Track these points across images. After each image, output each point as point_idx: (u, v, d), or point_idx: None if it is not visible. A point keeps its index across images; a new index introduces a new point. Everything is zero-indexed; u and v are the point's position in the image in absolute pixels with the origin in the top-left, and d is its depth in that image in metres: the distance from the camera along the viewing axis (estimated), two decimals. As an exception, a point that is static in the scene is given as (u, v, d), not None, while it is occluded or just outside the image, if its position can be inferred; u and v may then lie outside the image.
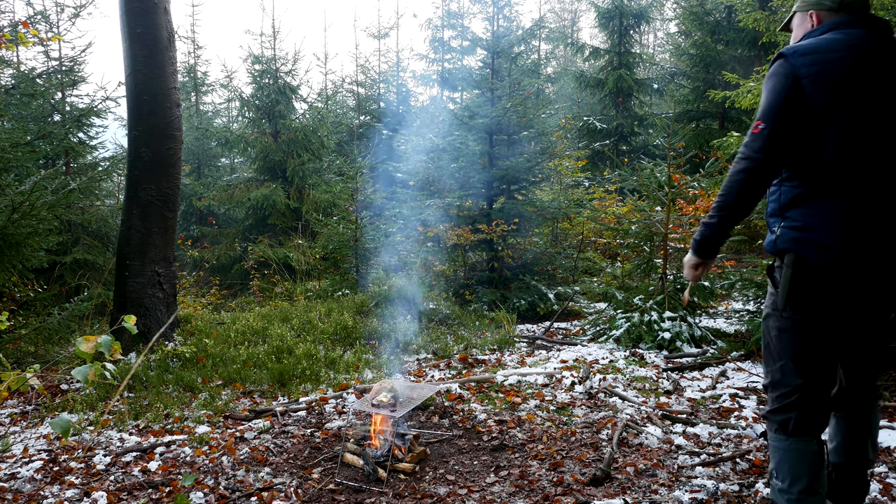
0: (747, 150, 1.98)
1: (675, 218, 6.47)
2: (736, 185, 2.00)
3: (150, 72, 5.18)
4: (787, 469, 2.04)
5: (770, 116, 1.95)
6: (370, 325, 5.88)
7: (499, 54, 8.41)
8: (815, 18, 2.14)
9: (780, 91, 1.96)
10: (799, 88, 1.93)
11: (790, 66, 1.95)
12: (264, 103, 10.82)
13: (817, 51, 1.96)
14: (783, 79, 1.96)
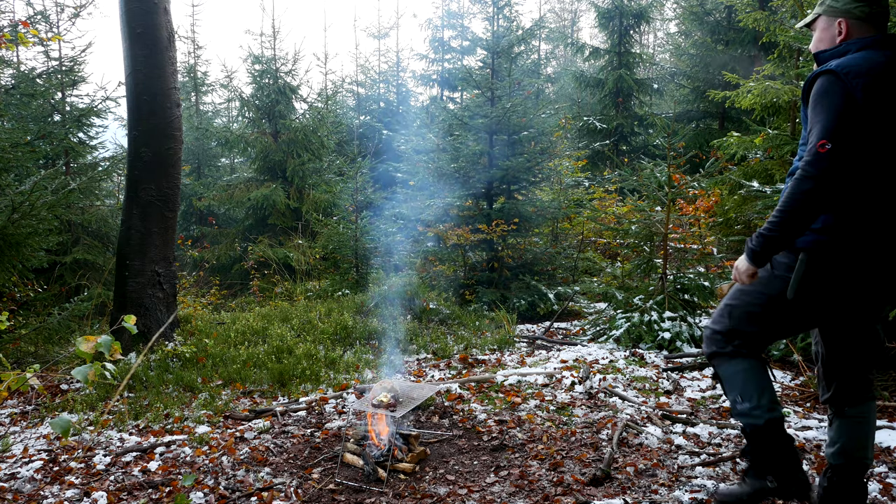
0: (814, 169, 2.01)
1: (675, 218, 6.48)
2: (804, 202, 2.04)
3: (150, 72, 5.18)
4: (753, 385, 2.25)
5: (838, 137, 2.00)
6: (370, 325, 5.88)
7: (499, 54, 8.41)
8: (843, 27, 2.19)
9: (842, 111, 2.01)
10: (858, 110, 2.01)
11: (847, 87, 2.02)
12: (264, 103, 10.82)
13: (869, 73, 2.03)
14: (843, 99, 2.02)
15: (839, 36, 2.21)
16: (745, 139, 5.66)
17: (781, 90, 5.28)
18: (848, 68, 2.05)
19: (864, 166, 2.06)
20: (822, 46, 2.26)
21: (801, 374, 4.34)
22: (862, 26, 2.18)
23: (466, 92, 14.46)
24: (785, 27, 6.87)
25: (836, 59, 2.15)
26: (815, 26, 2.30)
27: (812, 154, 2.02)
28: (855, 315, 2.20)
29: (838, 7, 2.20)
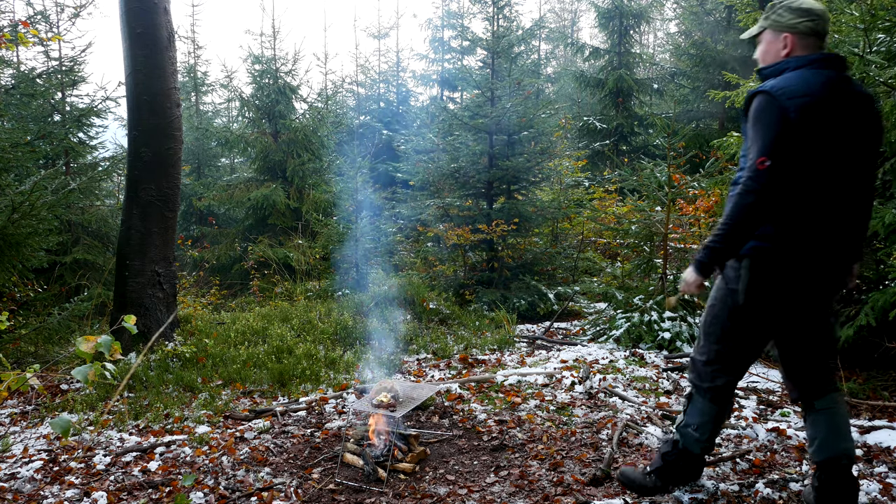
0: (755, 184, 2.14)
1: (675, 218, 6.47)
2: (746, 216, 2.17)
3: (150, 72, 5.17)
4: (710, 428, 2.51)
5: (775, 155, 2.13)
6: (370, 325, 5.88)
7: (499, 54, 8.41)
8: (788, 42, 2.29)
9: (779, 131, 2.14)
10: (792, 129, 2.13)
11: (781, 107, 2.14)
12: (264, 103, 10.81)
13: (804, 94, 2.15)
14: (778, 119, 2.14)
15: (784, 50, 2.30)
16: (745, 139, 5.65)
17: (781, 90, 5.27)
18: (782, 90, 2.15)
19: (800, 179, 2.18)
20: (768, 60, 2.36)
21: (801, 374, 4.34)
22: (805, 42, 2.27)
23: (466, 92, 14.45)
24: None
25: (774, 77, 2.26)
26: (761, 38, 2.38)
27: (752, 170, 2.15)
28: (804, 313, 2.33)
29: (784, 22, 2.28)
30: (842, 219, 2.24)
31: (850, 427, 2.51)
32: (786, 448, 3.22)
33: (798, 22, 2.26)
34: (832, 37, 4.35)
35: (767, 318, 2.34)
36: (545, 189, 9.49)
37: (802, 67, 2.23)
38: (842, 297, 4.03)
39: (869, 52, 3.69)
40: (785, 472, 2.93)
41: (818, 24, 2.26)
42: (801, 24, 2.26)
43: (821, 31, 2.27)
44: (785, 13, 2.29)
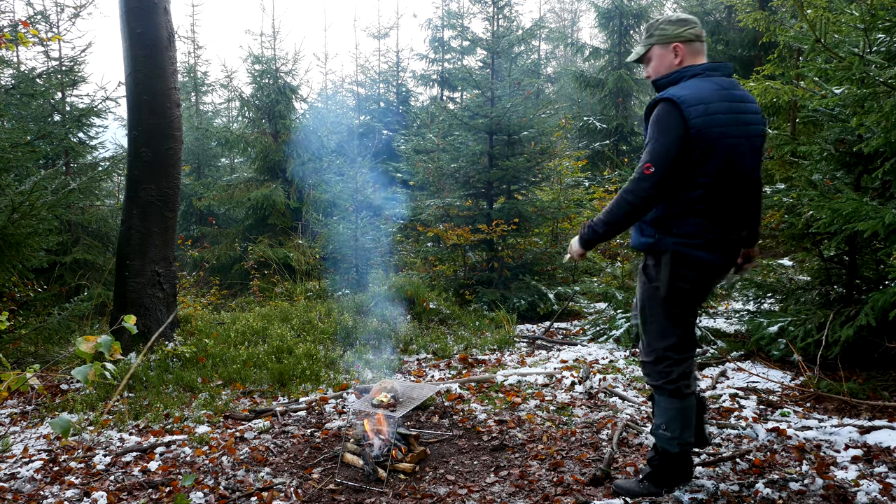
0: (637, 187, 2.37)
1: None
2: (625, 213, 2.43)
3: (150, 72, 5.18)
4: (679, 423, 2.56)
5: (662, 162, 2.34)
6: (370, 325, 5.88)
7: (499, 54, 8.40)
8: (679, 51, 2.49)
9: (672, 139, 2.33)
10: (689, 137, 2.33)
11: (682, 115, 2.32)
12: (264, 103, 10.81)
13: (702, 101, 2.34)
14: (676, 126, 2.33)
15: (676, 59, 2.50)
16: (745, 139, 5.65)
17: (781, 90, 5.27)
18: (683, 98, 2.33)
19: (698, 180, 2.38)
20: (662, 71, 2.53)
21: (801, 374, 4.34)
22: (692, 48, 2.49)
23: (466, 92, 14.45)
24: (785, 27, 6.87)
25: (672, 86, 2.43)
26: (650, 56, 2.56)
27: (638, 173, 2.37)
28: (700, 301, 2.63)
29: (670, 33, 2.49)
30: (735, 212, 2.47)
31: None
32: (786, 448, 3.22)
33: (683, 30, 2.48)
34: (832, 37, 4.36)
35: (685, 301, 2.54)
36: (545, 189, 9.49)
37: (698, 76, 2.43)
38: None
39: (869, 52, 3.69)
40: (785, 472, 2.93)
41: (697, 29, 2.50)
42: (686, 32, 2.48)
43: (701, 35, 2.52)
44: (668, 26, 2.50)
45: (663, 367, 2.55)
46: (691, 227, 2.43)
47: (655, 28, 2.53)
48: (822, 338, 4.18)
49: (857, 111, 3.96)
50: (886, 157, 3.96)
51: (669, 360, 2.55)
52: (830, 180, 4.46)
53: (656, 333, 2.56)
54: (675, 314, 2.54)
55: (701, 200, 2.40)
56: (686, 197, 2.41)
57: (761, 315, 4.98)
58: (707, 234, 2.44)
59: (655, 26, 2.53)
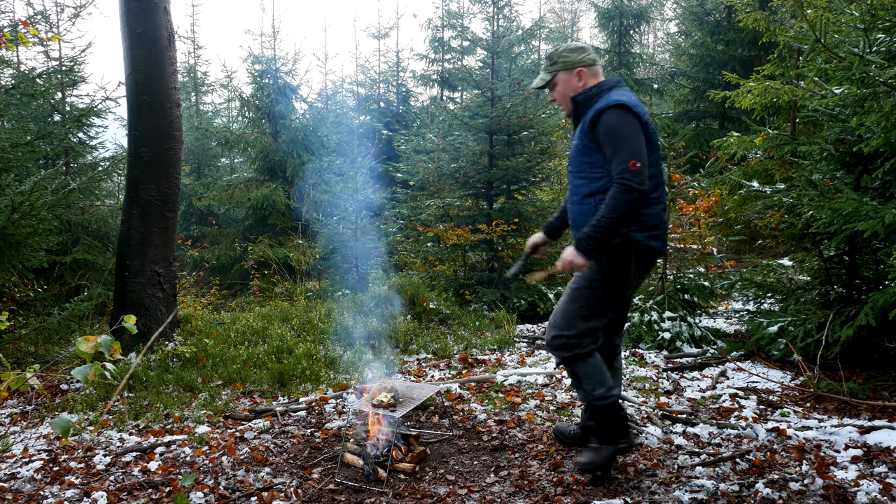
0: (634, 183, 2.55)
1: (675, 218, 6.48)
2: (627, 208, 2.58)
3: (150, 72, 5.17)
4: (603, 374, 2.81)
5: (642, 155, 2.58)
6: (370, 325, 5.87)
7: (499, 54, 8.40)
8: (583, 75, 2.80)
9: (640, 135, 2.61)
10: (646, 135, 2.64)
11: (637, 115, 2.62)
12: (264, 103, 10.80)
13: (640, 104, 2.69)
14: (639, 126, 2.62)
15: (580, 82, 2.80)
16: (745, 139, 5.66)
17: (781, 90, 5.27)
18: (630, 102, 2.62)
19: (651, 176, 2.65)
20: (569, 93, 2.82)
21: (800, 374, 4.34)
22: (592, 70, 2.82)
23: (466, 92, 14.45)
24: (785, 27, 6.87)
25: (594, 98, 2.72)
26: (556, 81, 2.84)
27: (629, 171, 2.55)
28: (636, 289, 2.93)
29: (573, 60, 2.79)
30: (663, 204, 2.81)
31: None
32: (786, 448, 3.22)
33: (584, 56, 2.81)
34: (832, 37, 4.36)
35: (631, 287, 2.82)
36: (545, 189, 9.49)
37: (615, 88, 2.73)
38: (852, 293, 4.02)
39: (869, 52, 3.69)
40: (785, 472, 2.93)
41: (593, 55, 2.85)
42: (587, 58, 2.81)
43: (597, 60, 2.85)
44: (570, 54, 2.81)
45: (588, 339, 2.78)
46: (652, 220, 2.71)
47: (558, 56, 2.83)
48: (822, 338, 4.18)
49: (857, 111, 3.96)
50: (886, 157, 3.96)
51: (594, 335, 2.81)
52: (830, 180, 4.46)
53: (590, 314, 2.77)
54: (616, 298, 2.81)
55: (653, 192, 2.71)
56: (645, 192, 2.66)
57: (761, 315, 4.98)
58: (661, 226, 2.76)
59: (558, 54, 2.83)
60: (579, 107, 2.80)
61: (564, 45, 2.85)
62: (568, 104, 2.85)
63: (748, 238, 7.16)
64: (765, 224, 5.49)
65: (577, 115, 2.83)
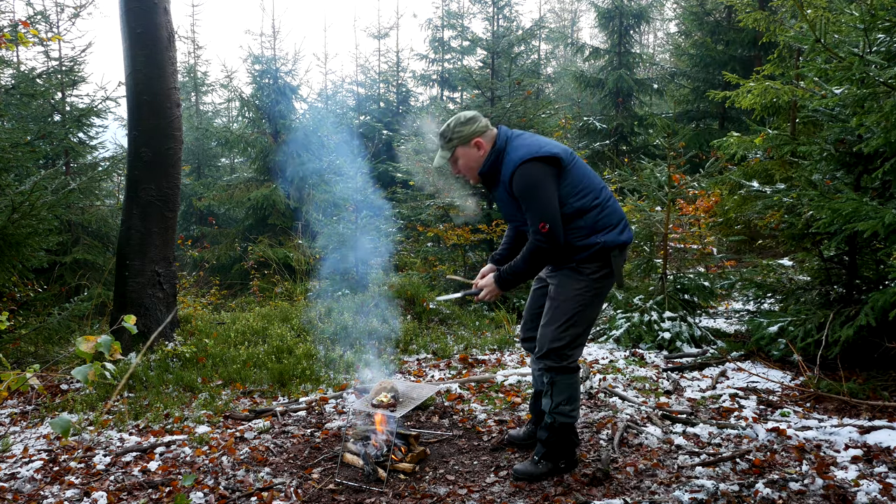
0: (545, 244, 2.68)
1: (675, 218, 6.48)
2: (540, 261, 2.75)
3: (150, 72, 5.17)
4: (576, 393, 2.87)
5: (550, 212, 2.67)
6: (370, 325, 5.87)
7: (499, 54, 8.41)
8: (481, 143, 2.84)
9: (551, 185, 2.69)
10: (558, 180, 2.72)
11: (545, 160, 2.68)
12: (264, 103, 10.81)
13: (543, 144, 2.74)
14: (547, 173, 2.69)
15: (480, 151, 2.84)
16: (745, 139, 5.66)
17: (781, 90, 5.27)
18: (531, 151, 2.69)
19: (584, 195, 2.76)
20: (473, 165, 2.88)
21: (800, 374, 4.34)
22: (486, 134, 2.85)
23: (466, 92, 14.44)
24: (785, 27, 6.87)
25: (500, 160, 2.78)
26: (456, 156, 2.88)
27: (540, 234, 2.67)
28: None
29: (467, 133, 2.82)
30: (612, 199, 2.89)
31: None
32: (786, 448, 3.22)
33: (476, 126, 2.83)
34: (832, 37, 4.36)
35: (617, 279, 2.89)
36: (545, 189, 9.46)
37: (510, 141, 2.79)
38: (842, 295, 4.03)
39: (869, 52, 3.69)
40: (785, 472, 2.93)
41: (482, 118, 2.87)
42: (479, 126, 2.83)
43: (487, 122, 2.88)
44: (461, 128, 2.83)
45: (578, 350, 2.86)
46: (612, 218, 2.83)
47: (452, 133, 2.85)
48: (822, 338, 4.18)
49: (857, 111, 3.96)
50: (886, 157, 3.96)
51: (582, 344, 2.89)
52: (830, 180, 4.46)
53: (583, 324, 2.84)
54: (602, 302, 2.93)
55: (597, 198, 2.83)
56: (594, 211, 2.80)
57: (761, 315, 4.98)
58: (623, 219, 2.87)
59: (451, 131, 2.85)
60: (487, 176, 2.89)
61: (453, 119, 2.86)
62: (474, 176, 2.92)
63: (748, 238, 7.16)
64: (765, 224, 5.49)
65: (487, 182, 2.92)
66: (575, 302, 2.81)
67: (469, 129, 2.83)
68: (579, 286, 2.80)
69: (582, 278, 2.80)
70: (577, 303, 2.81)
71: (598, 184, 2.83)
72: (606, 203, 2.81)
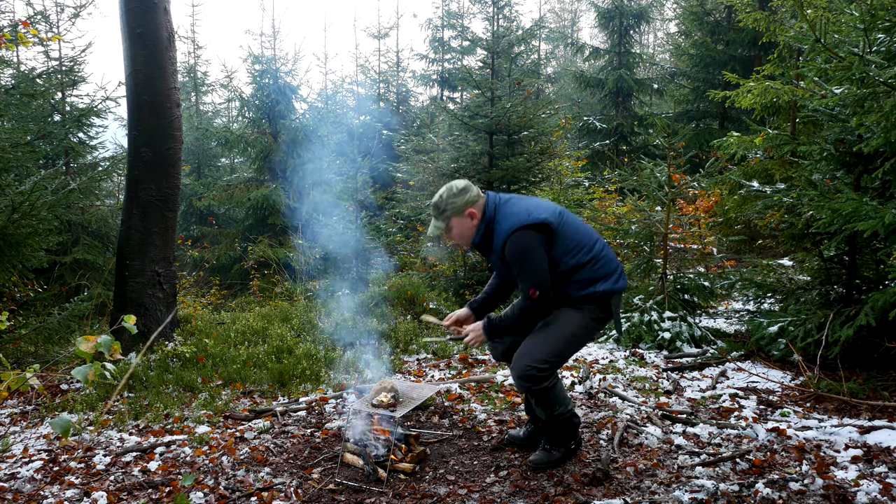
0: (533, 304, 2.81)
1: (675, 218, 6.48)
2: (530, 319, 2.89)
3: (150, 72, 5.17)
4: (562, 397, 2.97)
5: (541, 278, 2.78)
6: (370, 325, 5.87)
7: (499, 54, 8.41)
8: (474, 213, 2.91)
9: (540, 252, 2.78)
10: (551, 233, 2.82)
11: (536, 226, 2.78)
12: (264, 103, 10.80)
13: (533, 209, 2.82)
14: (538, 240, 2.78)
15: (473, 220, 2.92)
16: (745, 139, 5.66)
17: (781, 90, 5.27)
18: (520, 218, 2.78)
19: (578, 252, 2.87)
20: (467, 234, 2.95)
21: (800, 374, 4.34)
22: (478, 205, 2.92)
23: (466, 92, 14.45)
24: (785, 27, 6.87)
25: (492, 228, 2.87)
26: (451, 226, 2.95)
27: (530, 298, 2.80)
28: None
29: (460, 204, 2.89)
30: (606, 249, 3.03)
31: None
32: (786, 448, 3.22)
33: (468, 196, 2.90)
34: (832, 37, 4.36)
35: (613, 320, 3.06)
36: (545, 189, 9.47)
37: (499, 208, 2.88)
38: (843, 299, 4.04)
39: (869, 52, 3.69)
40: (785, 472, 2.93)
41: (474, 189, 2.94)
42: (471, 196, 2.91)
43: (479, 191, 2.95)
44: (454, 199, 2.90)
45: (555, 371, 2.93)
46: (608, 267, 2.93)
47: (445, 204, 2.92)
48: (822, 338, 4.18)
49: (857, 111, 3.96)
50: (886, 157, 3.96)
51: (559, 368, 2.98)
52: (830, 180, 4.46)
53: (567, 355, 2.94)
54: (590, 339, 3.09)
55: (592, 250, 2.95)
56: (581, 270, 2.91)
57: (761, 315, 4.98)
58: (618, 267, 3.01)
59: (445, 203, 2.92)
60: (481, 244, 2.98)
61: (445, 189, 2.93)
62: (467, 244, 3.02)
63: (748, 238, 7.16)
64: (765, 224, 5.49)
65: (482, 248, 3.00)
66: (569, 332, 2.90)
67: (462, 200, 2.90)
68: (577, 320, 2.91)
69: (581, 315, 2.91)
70: (571, 333, 2.90)
71: (590, 237, 2.93)
72: (600, 255, 2.90)
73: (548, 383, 2.86)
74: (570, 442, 3.10)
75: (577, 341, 2.94)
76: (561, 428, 3.01)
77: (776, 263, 5.49)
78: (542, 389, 2.86)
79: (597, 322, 2.95)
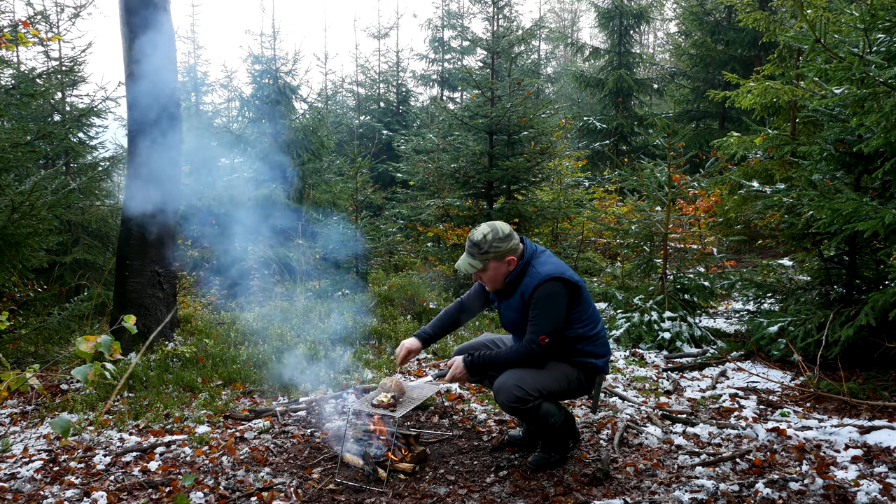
0: (539, 351, 2.88)
1: (675, 218, 6.48)
2: (522, 365, 2.92)
3: (151, 72, 5.17)
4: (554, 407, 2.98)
5: (553, 332, 2.88)
6: (370, 325, 5.87)
7: (499, 54, 8.41)
8: (512, 263, 2.96)
9: (563, 307, 2.89)
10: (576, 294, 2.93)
11: (567, 283, 2.88)
12: (264, 103, 10.80)
13: (563, 268, 2.93)
14: (565, 297, 2.89)
15: (510, 266, 2.96)
16: (745, 139, 5.66)
17: (781, 90, 5.28)
18: (558, 271, 2.87)
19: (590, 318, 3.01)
20: (499, 279, 2.99)
21: (800, 374, 4.34)
22: (518, 253, 2.97)
23: (466, 92, 14.44)
24: (785, 27, 6.87)
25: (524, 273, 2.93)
26: (487, 268, 2.96)
27: (537, 344, 2.86)
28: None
29: (503, 250, 2.92)
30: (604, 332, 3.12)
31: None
32: (786, 448, 3.22)
33: (511, 244, 2.94)
34: (832, 37, 4.36)
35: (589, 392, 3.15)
36: (545, 189, 9.49)
37: (535, 256, 2.96)
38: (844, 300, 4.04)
39: (869, 52, 3.69)
40: (785, 472, 2.93)
41: (516, 237, 2.98)
42: (513, 244, 2.95)
43: (518, 241, 2.99)
44: (499, 244, 2.93)
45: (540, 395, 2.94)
46: (603, 348, 3.06)
47: (489, 246, 2.93)
48: (822, 338, 4.18)
49: (857, 111, 3.96)
50: (886, 157, 3.96)
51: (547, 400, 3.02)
52: (830, 180, 4.46)
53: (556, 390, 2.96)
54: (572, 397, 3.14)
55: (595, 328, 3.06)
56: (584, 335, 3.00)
57: (761, 315, 4.98)
58: (609, 350, 3.13)
59: (489, 244, 2.93)
60: (509, 286, 3.01)
61: (490, 231, 2.94)
62: (495, 287, 3.06)
63: (748, 238, 7.16)
64: (765, 224, 5.49)
65: (502, 291, 3.05)
66: (560, 372, 2.96)
67: (506, 247, 2.93)
68: (568, 370, 2.99)
69: (572, 369, 3.00)
70: (563, 372, 2.96)
71: (598, 316, 3.07)
72: (601, 335, 3.03)
73: (533, 403, 2.86)
74: (569, 441, 3.12)
75: (564, 384, 2.97)
76: (557, 434, 3.05)
77: (776, 263, 5.49)
78: (529, 409, 2.86)
79: (579, 385, 3.02)
